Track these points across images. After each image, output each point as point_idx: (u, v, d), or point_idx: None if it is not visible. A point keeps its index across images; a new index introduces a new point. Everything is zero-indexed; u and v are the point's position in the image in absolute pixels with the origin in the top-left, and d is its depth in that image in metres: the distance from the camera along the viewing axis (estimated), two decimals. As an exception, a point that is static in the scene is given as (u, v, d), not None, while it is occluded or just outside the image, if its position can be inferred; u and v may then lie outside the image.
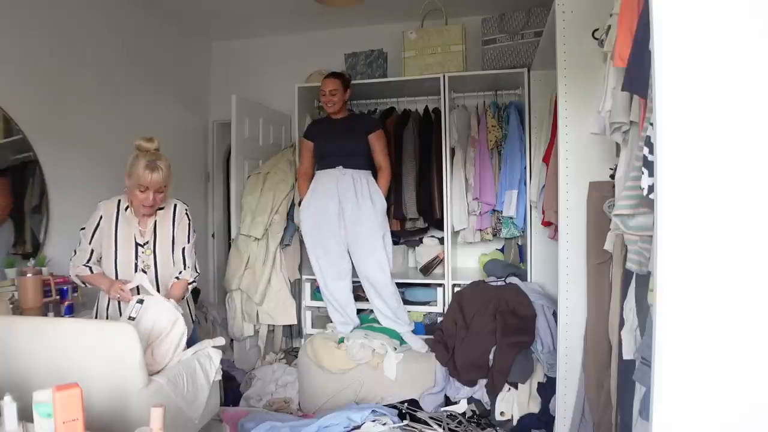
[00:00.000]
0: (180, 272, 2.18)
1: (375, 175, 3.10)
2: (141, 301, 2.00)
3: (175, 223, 2.21)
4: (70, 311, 2.47)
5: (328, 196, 3.01)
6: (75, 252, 2.14)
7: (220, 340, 2.22)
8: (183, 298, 2.23)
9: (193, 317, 2.37)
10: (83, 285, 2.21)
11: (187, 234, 2.23)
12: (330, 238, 3.04)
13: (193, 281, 2.22)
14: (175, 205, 2.24)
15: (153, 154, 2.06)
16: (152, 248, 2.16)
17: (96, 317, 2.21)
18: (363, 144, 3.06)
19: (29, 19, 2.64)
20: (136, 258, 2.14)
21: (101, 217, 2.15)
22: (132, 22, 3.43)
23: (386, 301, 3.04)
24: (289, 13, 3.74)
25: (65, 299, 2.47)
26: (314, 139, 3.14)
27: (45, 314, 2.36)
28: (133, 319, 1.97)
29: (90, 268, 2.11)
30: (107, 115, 3.16)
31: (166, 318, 2.00)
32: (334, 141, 3.06)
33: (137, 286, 2.07)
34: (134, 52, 3.44)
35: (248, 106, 3.60)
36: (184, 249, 2.21)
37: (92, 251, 2.13)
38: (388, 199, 3.14)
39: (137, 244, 2.15)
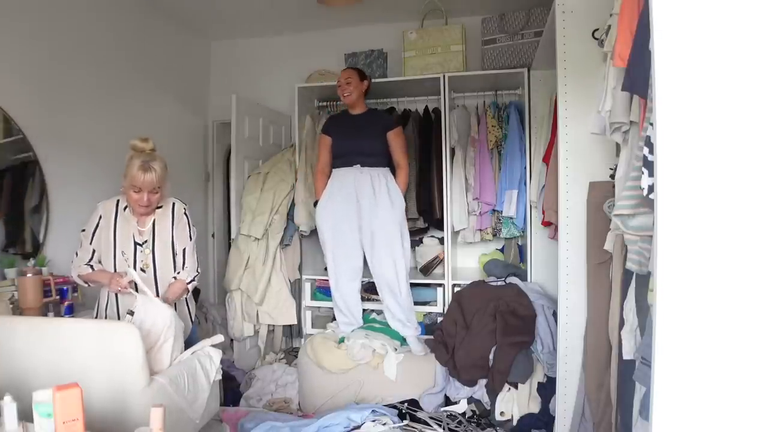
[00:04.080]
0: (178, 272, 2.18)
1: (393, 173, 3.03)
2: (131, 312, 1.98)
3: (174, 222, 2.21)
4: (70, 311, 2.47)
5: (346, 194, 2.96)
6: (76, 254, 2.14)
7: (219, 338, 2.21)
8: (181, 298, 2.23)
9: (193, 317, 2.37)
10: (86, 285, 2.21)
11: (187, 233, 2.22)
12: (348, 237, 2.99)
13: (192, 281, 2.21)
14: (174, 204, 2.24)
15: (148, 155, 2.06)
16: (151, 247, 2.16)
17: (96, 317, 2.21)
18: (382, 142, 3.00)
19: (29, 19, 2.64)
20: (135, 257, 2.14)
21: (100, 217, 2.15)
22: (132, 22, 3.42)
23: (400, 303, 2.99)
24: (289, 13, 3.74)
25: (65, 299, 2.47)
26: (332, 134, 3.09)
27: (45, 314, 2.36)
28: None
29: (91, 267, 2.12)
30: (107, 115, 3.15)
31: (162, 322, 1.98)
32: (353, 138, 2.99)
33: (135, 283, 2.06)
34: (134, 52, 3.44)
35: (248, 106, 3.60)
36: (185, 249, 2.21)
37: (93, 251, 2.14)
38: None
39: (136, 244, 2.15)
